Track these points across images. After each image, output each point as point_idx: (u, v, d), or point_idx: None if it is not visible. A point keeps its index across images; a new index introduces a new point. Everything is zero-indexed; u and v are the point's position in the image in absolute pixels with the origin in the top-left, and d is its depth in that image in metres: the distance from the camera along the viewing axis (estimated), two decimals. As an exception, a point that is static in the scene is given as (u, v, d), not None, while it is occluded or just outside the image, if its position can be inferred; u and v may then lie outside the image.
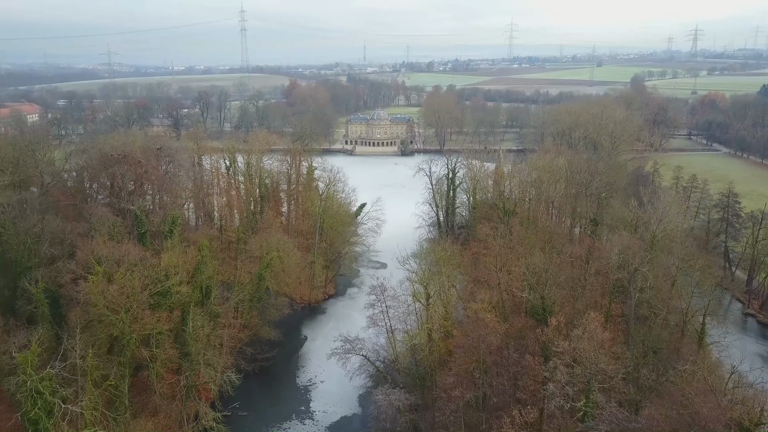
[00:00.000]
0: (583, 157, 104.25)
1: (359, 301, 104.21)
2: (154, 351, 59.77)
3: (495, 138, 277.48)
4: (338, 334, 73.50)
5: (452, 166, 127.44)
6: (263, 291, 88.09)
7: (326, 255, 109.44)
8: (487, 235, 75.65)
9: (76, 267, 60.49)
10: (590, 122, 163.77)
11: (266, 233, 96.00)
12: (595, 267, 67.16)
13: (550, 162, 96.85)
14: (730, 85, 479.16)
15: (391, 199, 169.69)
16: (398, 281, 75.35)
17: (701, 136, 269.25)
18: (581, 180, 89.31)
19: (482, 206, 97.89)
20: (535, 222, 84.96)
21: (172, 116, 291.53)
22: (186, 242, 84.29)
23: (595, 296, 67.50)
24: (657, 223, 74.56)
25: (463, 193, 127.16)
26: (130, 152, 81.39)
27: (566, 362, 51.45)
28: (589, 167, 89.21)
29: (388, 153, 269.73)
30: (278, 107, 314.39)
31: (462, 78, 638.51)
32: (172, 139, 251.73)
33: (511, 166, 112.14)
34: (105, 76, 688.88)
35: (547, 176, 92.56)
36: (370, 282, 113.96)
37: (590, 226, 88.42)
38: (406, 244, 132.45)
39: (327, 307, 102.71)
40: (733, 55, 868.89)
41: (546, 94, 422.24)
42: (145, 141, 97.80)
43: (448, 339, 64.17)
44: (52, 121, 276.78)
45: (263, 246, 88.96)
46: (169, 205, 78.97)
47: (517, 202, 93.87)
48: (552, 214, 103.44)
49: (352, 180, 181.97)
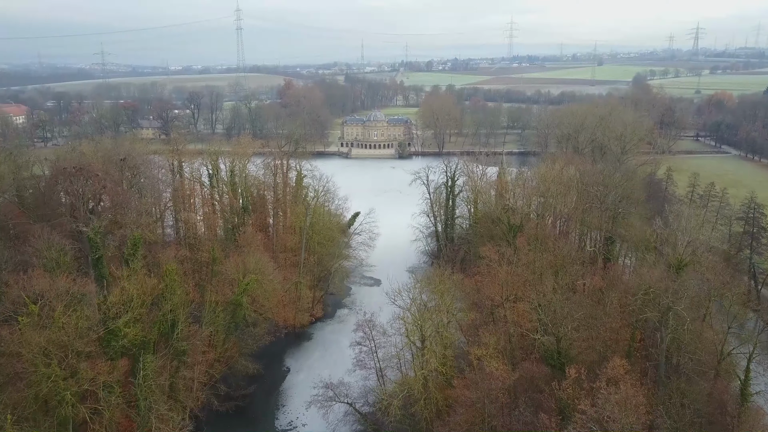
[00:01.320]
0: (596, 167, 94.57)
1: (349, 325, 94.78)
2: (99, 407, 50.33)
3: (496, 140, 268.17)
4: (319, 378, 63.58)
5: (451, 173, 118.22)
6: (241, 318, 78.80)
7: (314, 273, 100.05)
8: (492, 260, 66.18)
9: (4, 306, 51.04)
10: (597, 125, 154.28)
11: (246, 251, 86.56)
12: (616, 299, 57.79)
13: (559, 172, 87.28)
14: (734, 84, 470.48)
15: (386, 207, 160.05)
16: (390, 313, 65.77)
17: (709, 138, 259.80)
18: (595, 193, 79.89)
19: (484, 220, 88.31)
20: (545, 241, 75.53)
21: (162, 118, 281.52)
22: (152, 265, 74.90)
23: (614, 331, 58.06)
24: (684, 245, 65.15)
25: (463, 203, 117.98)
26: (87, 165, 71.84)
27: (589, 428, 42.15)
28: (604, 179, 79.65)
29: (385, 156, 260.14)
30: (272, 108, 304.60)
31: (461, 77, 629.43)
32: (163, 141, 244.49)
33: (516, 175, 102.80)
34: (101, 76, 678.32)
35: (557, 188, 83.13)
36: (362, 300, 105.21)
37: (605, 246, 79.08)
38: (401, 258, 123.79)
39: (313, 331, 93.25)
40: (734, 54, 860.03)
41: (547, 93, 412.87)
42: (111, 150, 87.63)
43: (447, 389, 54.78)
44: (36, 123, 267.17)
45: (240, 268, 79.56)
46: (132, 225, 69.38)
47: (522, 216, 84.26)
48: (561, 229, 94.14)
49: (347, 185, 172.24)
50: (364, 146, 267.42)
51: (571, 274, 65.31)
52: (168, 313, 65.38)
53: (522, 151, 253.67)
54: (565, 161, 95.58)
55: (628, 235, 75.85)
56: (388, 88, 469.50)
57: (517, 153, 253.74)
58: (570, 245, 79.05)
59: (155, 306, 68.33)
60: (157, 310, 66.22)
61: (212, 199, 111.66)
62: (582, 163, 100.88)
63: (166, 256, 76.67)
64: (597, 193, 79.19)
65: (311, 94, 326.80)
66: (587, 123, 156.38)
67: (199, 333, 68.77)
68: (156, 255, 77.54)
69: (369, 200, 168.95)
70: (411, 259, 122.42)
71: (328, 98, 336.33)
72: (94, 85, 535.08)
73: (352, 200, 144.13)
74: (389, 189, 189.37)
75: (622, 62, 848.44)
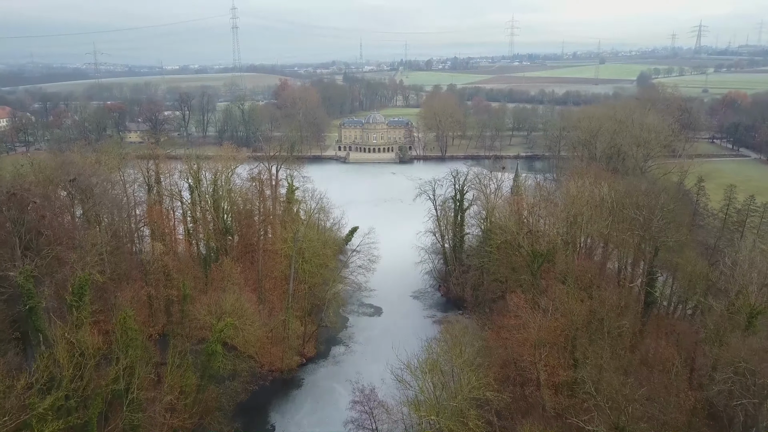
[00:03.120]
0: (632, 183, 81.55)
1: (346, 368, 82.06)
2: None
3: (501, 143, 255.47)
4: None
5: (459, 185, 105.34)
6: (216, 369, 66.01)
7: (304, 305, 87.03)
8: (518, 306, 53.31)
9: None
10: (617, 130, 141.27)
11: (223, 285, 73.78)
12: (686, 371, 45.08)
13: (591, 191, 74.21)
14: (742, 82, 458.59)
15: (387, 221, 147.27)
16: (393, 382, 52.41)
17: (726, 140, 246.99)
18: (636, 217, 66.87)
19: (504, 247, 75.26)
20: (582, 279, 62.56)
21: (151, 121, 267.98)
22: (105, 310, 62.10)
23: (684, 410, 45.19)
24: (758, 291, 52.31)
25: (473, 220, 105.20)
26: (23, 189, 58.75)
27: None
28: (649, 201, 66.31)
29: (385, 160, 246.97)
30: (266, 110, 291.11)
31: (462, 76, 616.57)
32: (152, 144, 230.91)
33: (534, 188, 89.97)
34: (96, 76, 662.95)
35: (589, 211, 70.19)
36: (360, 336, 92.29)
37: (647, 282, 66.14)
38: (404, 281, 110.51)
39: (304, 376, 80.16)
40: (737, 52, 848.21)
41: (552, 93, 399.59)
42: (60, 167, 73.81)
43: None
44: (18, 126, 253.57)
45: (214, 309, 66.76)
46: (79, 263, 56.34)
47: (549, 242, 71.16)
48: (585, 251, 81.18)
49: (344, 193, 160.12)
50: (362, 150, 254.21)
51: (620, 328, 52.54)
52: (119, 376, 52.65)
53: (530, 154, 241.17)
54: (594, 175, 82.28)
55: (679, 268, 62.95)
56: (388, 87, 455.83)
57: (525, 157, 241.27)
58: (609, 281, 66.26)
59: (106, 362, 55.78)
60: (106, 370, 53.55)
61: (193, 216, 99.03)
62: (611, 177, 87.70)
63: (124, 297, 63.91)
64: (639, 217, 66.25)
65: (307, 94, 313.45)
66: (606, 127, 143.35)
67: (160, 398, 55.88)
68: (114, 295, 64.68)
69: (368, 210, 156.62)
70: (415, 281, 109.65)
71: (325, 99, 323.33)
72: (86, 85, 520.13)
73: (349, 210, 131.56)
74: (389, 198, 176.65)
75: (624, 61, 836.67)
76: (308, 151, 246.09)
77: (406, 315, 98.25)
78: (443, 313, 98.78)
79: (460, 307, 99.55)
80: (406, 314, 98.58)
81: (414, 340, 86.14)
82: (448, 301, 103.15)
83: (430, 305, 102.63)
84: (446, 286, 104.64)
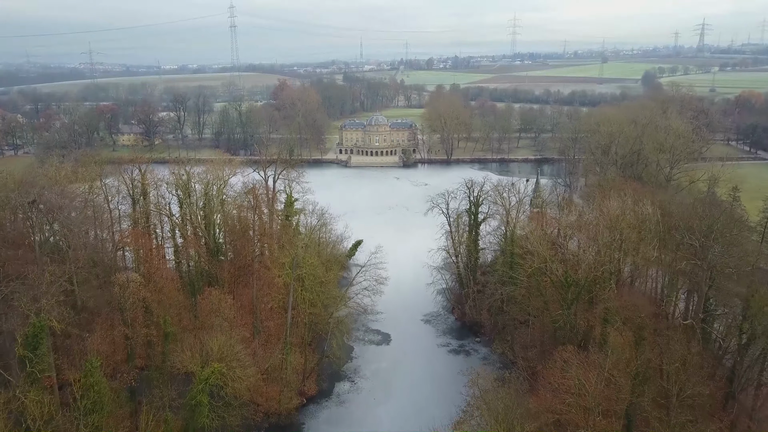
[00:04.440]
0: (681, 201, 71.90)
1: (352, 409, 72.54)
2: None
3: (509, 145, 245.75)
4: None
5: (474, 197, 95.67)
6: (201, 423, 56.52)
7: (304, 335, 77.28)
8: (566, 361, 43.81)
9: None
10: (640, 134, 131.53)
11: (210, 322, 64.12)
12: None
13: (632, 210, 64.49)
14: (749, 81, 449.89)
15: (393, 229, 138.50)
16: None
17: (743, 142, 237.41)
18: (691, 243, 57.07)
19: (535, 275, 65.40)
20: (633, 319, 52.79)
21: (145, 123, 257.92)
22: (71, 354, 52.47)
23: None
24: None
25: (490, 237, 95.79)
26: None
27: None
28: (707, 225, 56.19)
29: (388, 164, 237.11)
30: (264, 111, 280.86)
31: (463, 76, 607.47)
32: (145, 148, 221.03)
33: (564, 206, 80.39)
34: (93, 76, 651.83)
35: (634, 234, 60.58)
36: (367, 369, 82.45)
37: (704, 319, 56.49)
38: (414, 302, 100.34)
39: (304, 420, 70.41)
40: (740, 51, 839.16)
41: (557, 93, 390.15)
42: (18, 186, 63.31)
43: None
44: (6, 129, 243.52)
45: (200, 354, 57.16)
46: (30, 305, 46.49)
47: (588, 270, 61.38)
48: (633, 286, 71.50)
49: (346, 200, 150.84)
50: (364, 153, 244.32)
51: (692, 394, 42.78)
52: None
53: (538, 157, 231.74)
54: (632, 191, 72.54)
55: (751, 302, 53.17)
56: (389, 87, 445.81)
57: (533, 160, 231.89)
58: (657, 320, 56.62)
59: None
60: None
61: (182, 233, 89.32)
62: (650, 192, 77.92)
63: (94, 341, 54.28)
64: (695, 243, 56.65)
65: (307, 95, 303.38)
66: (627, 132, 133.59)
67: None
68: (81, 338, 55.02)
69: (372, 219, 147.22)
70: (425, 302, 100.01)
71: (325, 99, 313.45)
72: (82, 86, 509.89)
73: (352, 219, 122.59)
74: (394, 205, 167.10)
75: (626, 59, 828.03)
76: (308, 154, 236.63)
77: (417, 343, 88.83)
78: (458, 341, 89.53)
79: (476, 333, 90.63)
80: (417, 342, 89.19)
81: (428, 380, 76.87)
82: (463, 325, 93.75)
83: (443, 331, 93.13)
84: (461, 309, 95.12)
